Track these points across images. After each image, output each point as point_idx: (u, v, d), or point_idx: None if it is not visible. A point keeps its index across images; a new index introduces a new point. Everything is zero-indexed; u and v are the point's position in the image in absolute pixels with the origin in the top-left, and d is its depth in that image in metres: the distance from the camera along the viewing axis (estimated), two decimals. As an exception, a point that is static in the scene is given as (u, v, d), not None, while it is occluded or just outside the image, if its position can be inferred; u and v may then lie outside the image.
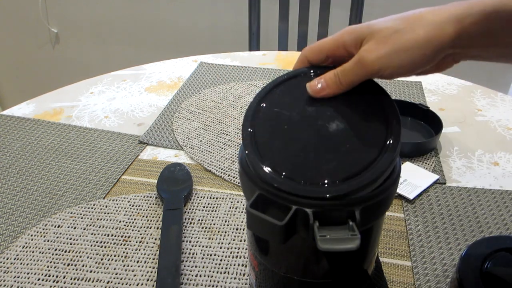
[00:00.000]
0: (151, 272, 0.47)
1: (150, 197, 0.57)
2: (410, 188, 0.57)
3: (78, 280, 0.46)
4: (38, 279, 0.46)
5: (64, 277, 0.46)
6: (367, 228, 0.30)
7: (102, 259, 0.48)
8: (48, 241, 0.51)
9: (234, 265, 0.48)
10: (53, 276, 0.47)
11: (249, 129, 0.31)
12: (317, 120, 0.31)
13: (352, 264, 0.28)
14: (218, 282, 0.46)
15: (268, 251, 0.33)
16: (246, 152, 0.30)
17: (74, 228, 0.52)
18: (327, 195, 0.27)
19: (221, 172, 0.61)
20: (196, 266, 0.47)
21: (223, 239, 0.51)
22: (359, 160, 0.29)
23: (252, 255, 0.34)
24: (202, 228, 0.52)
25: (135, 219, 0.53)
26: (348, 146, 0.30)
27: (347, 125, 0.31)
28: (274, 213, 0.27)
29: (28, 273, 0.47)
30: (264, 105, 0.33)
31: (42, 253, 0.49)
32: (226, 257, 0.49)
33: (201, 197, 0.57)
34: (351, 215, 0.27)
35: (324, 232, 0.26)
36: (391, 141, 0.29)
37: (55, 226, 0.53)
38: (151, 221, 0.53)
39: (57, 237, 0.51)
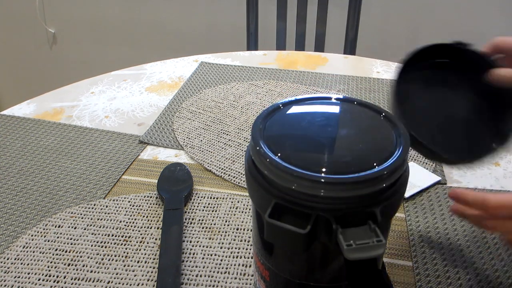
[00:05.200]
0: (152, 272, 0.47)
1: (151, 197, 0.57)
2: (408, 187, 0.57)
3: (78, 280, 0.46)
4: (39, 279, 0.46)
5: (64, 277, 0.46)
6: (384, 227, 0.30)
7: (102, 259, 0.48)
8: (48, 241, 0.51)
9: (235, 265, 0.47)
10: (53, 276, 0.46)
11: (260, 126, 0.31)
12: (328, 126, 0.31)
13: (368, 265, 0.28)
14: (218, 282, 0.46)
15: (283, 259, 0.32)
16: (257, 148, 0.29)
17: (75, 228, 0.52)
18: (353, 181, 0.26)
19: (222, 172, 0.61)
20: (196, 266, 0.47)
21: (224, 239, 0.51)
22: (373, 156, 0.28)
23: (262, 265, 0.34)
24: (203, 228, 0.52)
25: (135, 219, 0.53)
26: (360, 146, 0.30)
27: (357, 130, 0.31)
28: (292, 221, 0.27)
29: (28, 273, 0.47)
30: (277, 113, 0.33)
31: (43, 253, 0.49)
32: (226, 257, 0.48)
33: (202, 197, 0.57)
34: (371, 214, 0.27)
35: (348, 238, 0.26)
36: (401, 139, 0.30)
37: (55, 226, 0.52)
38: (151, 221, 0.53)
39: (58, 237, 0.51)
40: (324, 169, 0.27)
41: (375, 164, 0.28)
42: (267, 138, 0.30)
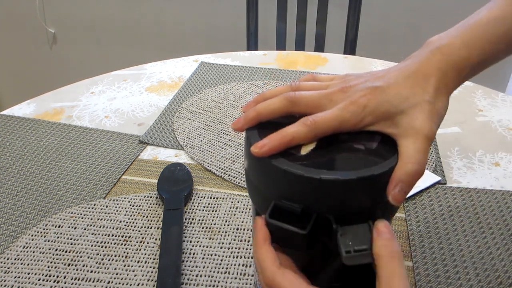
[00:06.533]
0: (152, 272, 0.47)
1: (151, 197, 0.57)
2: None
3: (78, 280, 0.46)
4: (39, 279, 0.46)
5: (64, 277, 0.46)
6: None
7: (102, 259, 0.48)
8: (48, 241, 0.51)
9: (235, 265, 0.47)
10: (53, 276, 0.46)
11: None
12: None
13: (365, 267, 0.28)
14: (218, 282, 0.46)
15: None
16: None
17: (75, 228, 0.52)
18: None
19: (222, 172, 0.61)
20: (196, 266, 0.47)
21: (224, 239, 0.51)
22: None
23: None
24: (203, 228, 0.52)
25: (135, 219, 0.53)
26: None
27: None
28: (292, 221, 0.27)
29: (28, 273, 0.47)
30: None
31: (43, 253, 0.49)
32: (226, 257, 0.48)
33: (202, 197, 0.57)
34: (371, 214, 0.27)
35: (347, 239, 0.26)
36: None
37: (55, 226, 0.52)
38: (151, 221, 0.53)
39: (58, 237, 0.51)
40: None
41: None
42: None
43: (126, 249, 0.50)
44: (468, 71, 0.33)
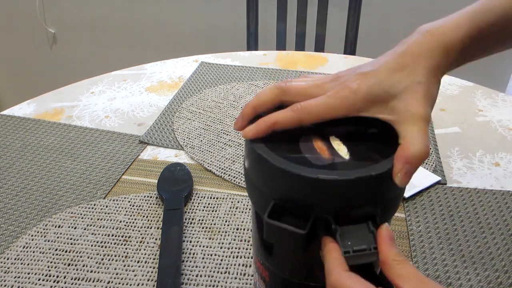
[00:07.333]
0: (152, 272, 0.47)
1: (151, 197, 0.57)
2: (408, 187, 0.57)
3: (78, 280, 0.46)
4: (39, 279, 0.46)
5: (64, 277, 0.46)
6: None
7: (102, 259, 0.48)
8: (48, 241, 0.51)
9: (235, 265, 0.47)
10: (53, 276, 0.46)
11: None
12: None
13: (365, 267, 0.28)
14: (218, 282, 0.46)
15: (282, 259, 0.32)
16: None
17: (75, 228, 0.52)
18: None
19: (222, 172, 0.61)
20: (196, 266, 0.47)
21: (224, 239, 0.51)
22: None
23: (262, 265, 0.34)
24: (203, 228, 0.52)
25: (135, 219, 0.53)
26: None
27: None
28: (292, 221, 0.27)
29: (28, 273, 0.47)
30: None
31: (43, 253, 0.49)
32: (226, 257, 0.48)
33: (202, 197, 0.57)
34: (371, 214, 0.27)
35: (346, 240, 0.26)
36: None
37: (55, 226, 0.52)
38: (151, 221, 0.53)
39: (58, 237, 0.51)
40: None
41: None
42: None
43: (126, 249, 0.50)
44: (457, 55, 0.33)
